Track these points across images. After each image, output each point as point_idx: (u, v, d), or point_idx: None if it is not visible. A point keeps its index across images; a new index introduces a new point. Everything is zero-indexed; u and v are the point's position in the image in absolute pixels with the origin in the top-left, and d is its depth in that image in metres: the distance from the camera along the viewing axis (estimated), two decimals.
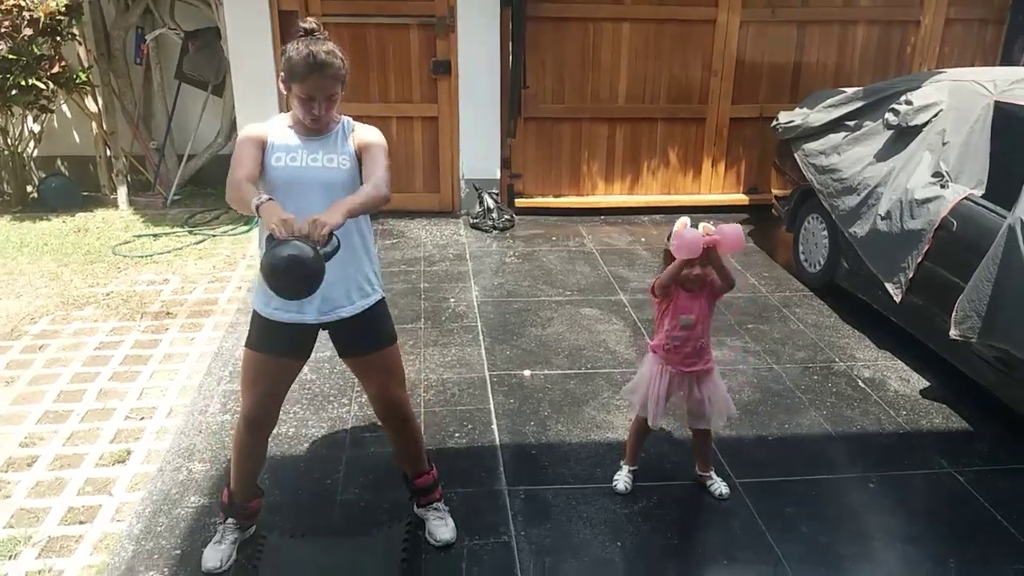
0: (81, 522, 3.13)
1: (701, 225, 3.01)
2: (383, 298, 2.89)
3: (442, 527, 3.06)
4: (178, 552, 2.95)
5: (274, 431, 3.64)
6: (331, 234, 2.33)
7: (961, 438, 3.82)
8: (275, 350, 2.77)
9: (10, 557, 2.93)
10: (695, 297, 3.08)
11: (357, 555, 2.95)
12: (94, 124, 7.06)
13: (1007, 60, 7.14)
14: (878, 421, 3.93)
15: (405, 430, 3.02)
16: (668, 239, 3.05)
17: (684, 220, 3.02)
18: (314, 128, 2.68)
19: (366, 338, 2.84)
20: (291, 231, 2.27)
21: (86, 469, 3.45)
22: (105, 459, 3.53)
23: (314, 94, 2.58)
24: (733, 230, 2.97)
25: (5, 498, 3.26)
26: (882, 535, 3.17)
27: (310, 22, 2.66)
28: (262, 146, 2.66)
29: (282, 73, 2.63)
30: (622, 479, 3.38)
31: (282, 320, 2.73)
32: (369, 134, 2.76)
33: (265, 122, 2.76)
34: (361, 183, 2.65)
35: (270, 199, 2.43)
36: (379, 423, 3.71)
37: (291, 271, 2.25)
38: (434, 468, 3.14)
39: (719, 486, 3.36)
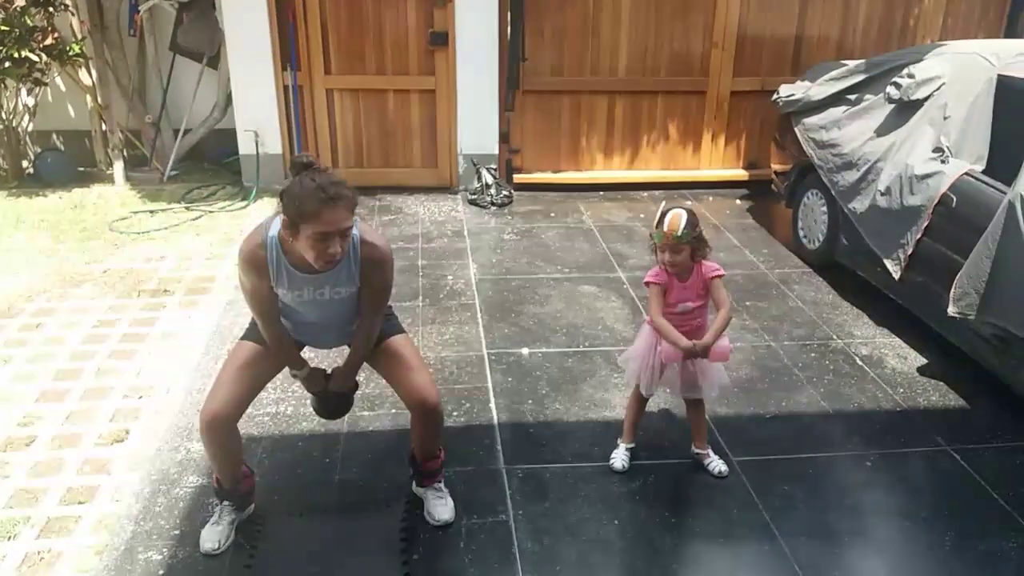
0: (80, 502, 3.13)
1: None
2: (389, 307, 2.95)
3: (441, 506, 3.07)
4: (177, 532, 2.96)
5: (273, 409, 3.69)
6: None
7: (958, 415, 3.83)
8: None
9: (9, 538, 2.94)
10: (690, 286, 3.09)
11: (356, 534, 2.99)
12: (89, 97, 6.99)
13: (1011, 32, 7.07)
14: (875, 399, 3.94)
15: (431, 418, 2.94)
16: (656, 225, 3.03)
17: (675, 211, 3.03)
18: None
19: None
20: None
21: (85, 449, 3.46)
22: (103, 439, 3.53)
23: (330, 230, 2.40)
24: (721, 348, 3.07)
25: (4, 478, 3.26)
26: (879, 512, 3.19)
27: (306, 156, 2.51)
28: (268, 283, 2.63)
29: (282, 217, 2.45)
30: (619, 457, 3.39)
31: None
32: (376, 266, 2.68)
33: (262, 237, 2.58)
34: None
35: (309, 371, 2.88)
36: (378, 401, 3.76)
37: (332, 415, 3.13)
38: (443, 452, 3.13)
39: (717, 464, 3.37)
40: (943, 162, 4.18)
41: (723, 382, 3.32)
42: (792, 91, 5.70)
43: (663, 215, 3.01)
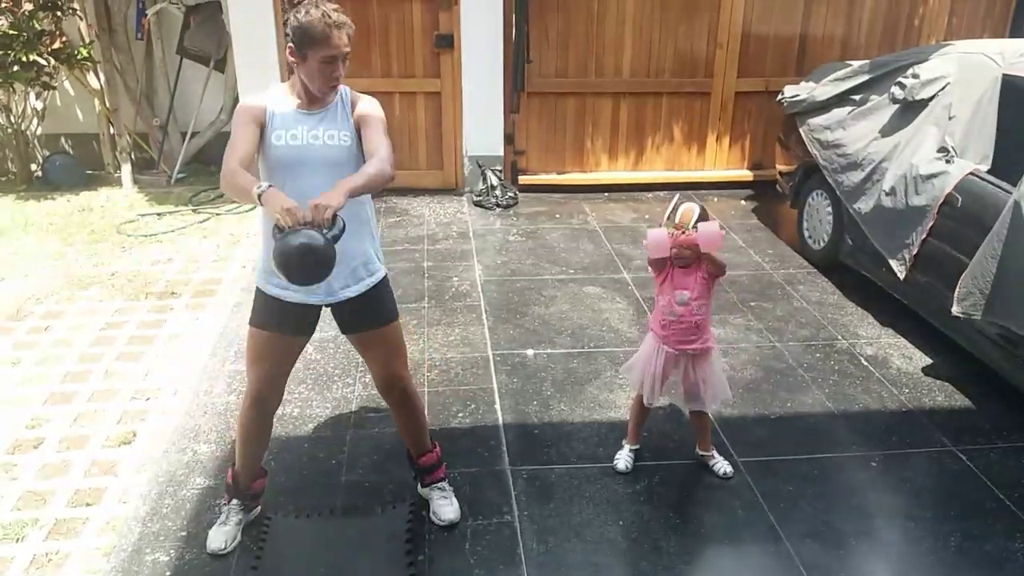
0: (87, 504, 3.16)
1: (685, 209, 3.02)
2: (386, 276, 2.90)
3: (446, 507, 3.08)
4: (184, 534, 2.98)
5: (279, 411, 3.69)
6: (335, 216, 2.35)
7: (963, 416, 3.82)
8: (279, 328, 2.78)
9: (17, 540, 2.97)
10: (690, 273, 3.08)
11: (361, 535, 2.99)
12: (96, 101, 7.04)
13: (1016, 32, 7.05)
14: (880, 399, 3.94)
15: (407, 407, 3.03)
16: (666, 218, 3.04)
17: (676, 203, 3.05)
18: (315, 101, 2.65)
19: (369, 316, 2.85)
20: (296, 219, 2.29)
21: (92, 451, 3.48)
22: (111, 440, 3.55)
23: (337, 54, 2.56)
24: (710, 229, 2.95)
25: (12, 480, 3.29)
26: (884, 513, 3.19)
27: None
28: (260, 123, 2.63)
29: (290, 45, 2.57)
30: (623, 458, 3.39)
31: (287, 300, 2.74)
32: (368, 106, 2.74)
33: (263, 93, 2.71)
34: (362, 157, 2.66)
35: (270, 186, 2.43)
36: (383, 403, 3.76)
37: (304, 261, 2.29)
38: (437, 447, 3.16)
39: (722, 465, 3.37)
40: (948, 162, 4.18)
41: (726, 397, 3.33)
42: (796, 92, 5.69)
43: (676, 207, 3.04)
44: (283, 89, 2.73)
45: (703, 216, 3.02)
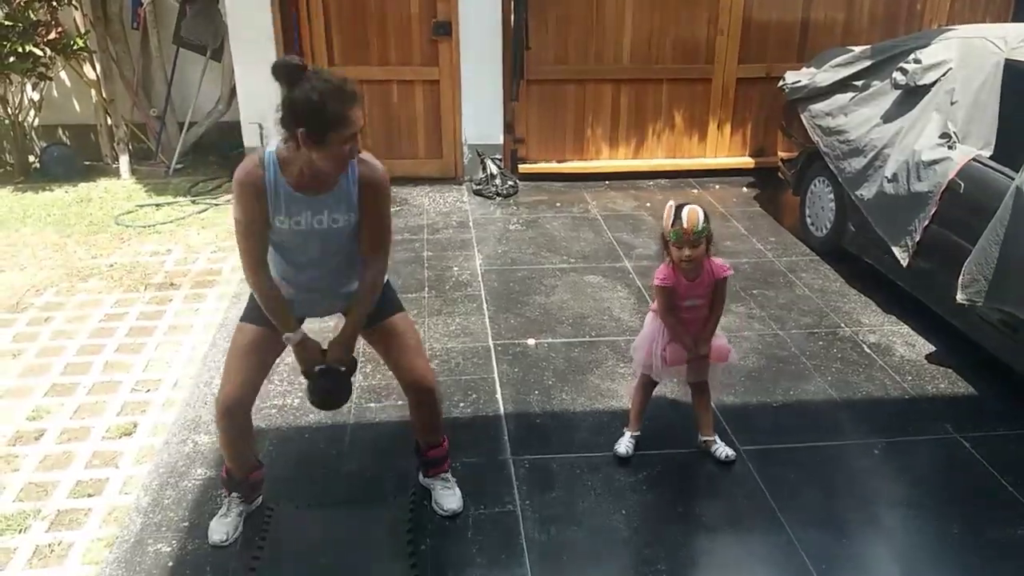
0: (89, 495, 3.15)
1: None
2: (387, 281, 2.88)
3: (449, 497, 3.07)
4: (186, 524, 2.98)
5: (279, 402, 3.70)
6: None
7: (966, 403, 3.82)
8: (271, 323, 2.74)
9: (20, 531, 2.97)
10: (698, 284, 3.09)
11: (363, 525, 3.00)
12: (93, 92, 7.01)
13: (1018, 16, 7.01)
14: (883, 387, 3.92)
15: (428, 402, 2.95)
16: (671, 223, 2.95)
17: (670, 205, 3.00)
18: (322, 181, 2.51)
19: (374, 311, 2.83)
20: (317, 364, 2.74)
21: (93, 442, 3.47)
22: (112, 432, 3.54)
23: (356, 130, 2.38)
24: (720, 344, 3.23)
25: (14, 472, 3.29)
26: (886, 501, 3.19)
27: (293, 59, 2.41)
28: (265, 210, 2.52)
29: (301, 130, 2.34)
30: (624, 443, 3.38)
31: None
32: (376, 180, 2.60)
33: (259, 161, 2.52)
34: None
35: (302, 337, 2.72)
36: (384, 392, 3.76)
37: (327, 402, 2.93)
38: (446, 441, 3.13)
39: (723, 449, 3.36)
40: (950, 148, 4.16)
41: (732, 360, 3.36)
42: (798, 78, 5.66)
43: (677, 212, 2.93)
44: (280, 159, 2.52)
45: (706, 217, 2.95)
